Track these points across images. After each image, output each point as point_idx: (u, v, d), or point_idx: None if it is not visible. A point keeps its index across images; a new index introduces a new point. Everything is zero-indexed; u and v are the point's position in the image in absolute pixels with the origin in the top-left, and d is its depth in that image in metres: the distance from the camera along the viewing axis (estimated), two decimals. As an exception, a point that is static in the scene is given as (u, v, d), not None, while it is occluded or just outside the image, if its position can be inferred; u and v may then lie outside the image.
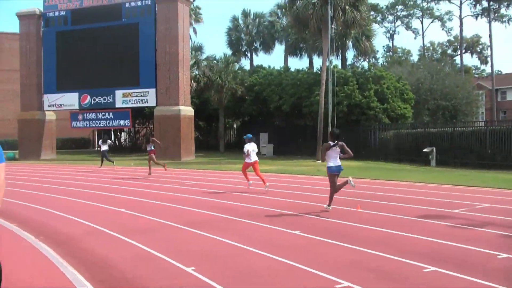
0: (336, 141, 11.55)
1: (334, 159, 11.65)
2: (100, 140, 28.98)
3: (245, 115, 48.13)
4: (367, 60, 62.10)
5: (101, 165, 28.02)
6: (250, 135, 16.58)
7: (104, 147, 27.63)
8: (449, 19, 76.97)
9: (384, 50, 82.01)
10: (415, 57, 78.55)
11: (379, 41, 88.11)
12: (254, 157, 16.09)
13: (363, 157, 33.04)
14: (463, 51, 72.31)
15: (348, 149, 11.59)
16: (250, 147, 16.10)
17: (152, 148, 22.94)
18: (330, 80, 26.65)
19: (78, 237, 9.46)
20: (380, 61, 76.63)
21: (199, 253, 8.07)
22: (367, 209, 12.15)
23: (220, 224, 10.61)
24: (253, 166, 16.19)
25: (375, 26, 65.47)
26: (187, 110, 37.46)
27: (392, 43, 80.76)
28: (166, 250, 8.15)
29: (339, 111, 33.12)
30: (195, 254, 8.00)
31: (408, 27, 78.38)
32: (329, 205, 11.95)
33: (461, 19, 66.18)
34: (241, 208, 12.76)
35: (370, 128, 34.71)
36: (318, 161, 31.53)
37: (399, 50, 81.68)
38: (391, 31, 78.71)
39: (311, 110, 36.59)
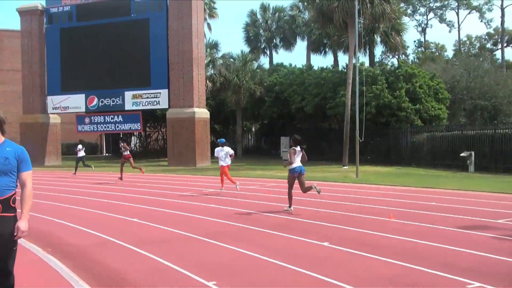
0: (299, 146, 13.74)
1: (297, 162, 13.68)
2: (79, 146, 30.14)
3: (265, 118, 48.09)
4: (397, 56, 61.80)
5: (75, 172, 29.36)
6: (223, 140, 19.86)
7: (81, 153, 28.87)
8: (489, 10, 75.57)
9: (416, 46, 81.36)
10: (449, 53, 77.86)
11: (410, 36, 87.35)
12: (228, 161, 18.81)
13: (393, 162, 32.85)
14: (505, 44, 70.99)
15: (304, 153, 13.86)
16: (223, 152, 18.82)
17: (128, 152, 24.46)
18: (357, 79, 26.46)
19: (88, 248, 9.52)
20: (411, 57, 75.94)
21: (220, 266, 8.07)
22: (401, 219, 12.05)
23: (241, 235, 10.62)
24: (223, 169, 18.78)
25: (405, 19, 64.97)
26: (202, 113, 37.57)
27: (424, 37, 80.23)
28: (184, 263, 8.16)
29: (367, 112, 32.91)
30: (216, 267, 8.00)
31: (442, 19, 77.76)
32: (289, 206, 13.78)
33: (502, 9, 65.01)
34: (262, 218, 12.75)
35: (401, 131, 34.48)
36: (345, 167, 31.41)
37: (432, 45, 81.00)
38: (423, 25, 78.18)
39: (336, 111, 36.47)
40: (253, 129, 54.96)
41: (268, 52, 63.77)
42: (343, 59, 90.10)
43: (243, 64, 45.67)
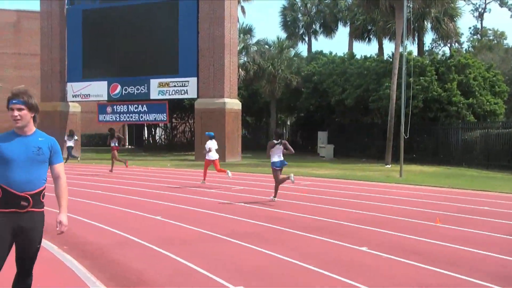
0: (279, 140, 15.28)
1: (278, 156, 15.31)
2: (66, 135, 30.61)
3: (301, 110, 48.07)
4: (450, 45, 61.01)
5: (65, 161, 29.71)
6: (212, 133, 21.40)
7: (70, 143, 29.43)
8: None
9: (471, 33, 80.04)
10: (510, 41, 76.60)
11: (465, 22, 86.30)
12: (215, 155, 20.35)
13: (442, 161, 32.52)
14: None
15: (290, 146, 15.54)
16: (212, 145, 20.34)
17: (116, 144, 25.55)
18: (403, 69, 26.23)
19: (107, 247, 9.65)
20: (466, 46, 74.91)
21: (248, 269, 8.12)
22: (448, 224, 11.95)
23: (271, 236, 10.66)
24: (214, 163, 20.40)
25: (460, 3, 64.01)
26: (234, 103, 37.68)
27: (481, 23, 78.86)
28: (209, 265, 8.23)
29: (414, 106, 32.63)
30: (243, 270, 8.05)
31: (502, 3, 76.27)
32: (274, 196, 15.61)
33: None
34: (295, 218, 12.78)
35: (451, 127, 34.08)
36: (388, 166, 31.21)
37: (489, 32, 79.56)
38: (480, 9, 76.88)
39: (379, 105, 36.23)
40: (288, 123, 54.99)
41: (306, 39, 63.52)
42: (388, 48, 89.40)
43: (279, 52, 45.68)
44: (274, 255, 8.91)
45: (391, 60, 37.01)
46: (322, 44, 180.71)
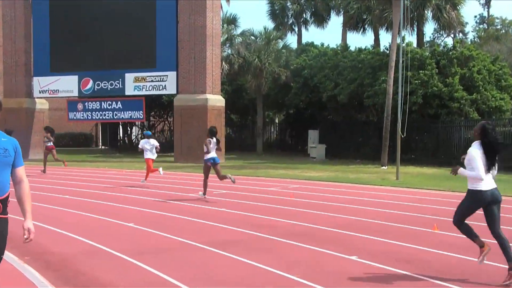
0: (214, 137, 17.38)
1: (212, 153, 17.32)
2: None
3: (290, 107, 48.10)
4: (452, 35, 61.21)
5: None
6: (149, 132, 23.43)
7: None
8: None
9: (476, 22, 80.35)
10: (519, 30, 76.82)
11: (470, 10, 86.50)
12: (153, 154, 21.80)
13: (442, 162, 32.59)
14: None
15: (219, 146, 17.73)
16: (148, 144, 21.75)
17: (52, 143, 26.73)
18: (400, 62, 26.32)
19: (73, 258, 9.61)
20: (470, 36, 75.22)
21: (228, 281, 8.12)
22: (447, 230, 11.96)
23: (254, 245, 10.68)
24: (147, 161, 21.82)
25: (464, -11, 64.34)
26: (217, 100, 37.66)
27: (488, 11, 79.26)
28: (186, 277, 8.24)
29: (412, 103, 32.72)
30: (223, 282, 8.06)
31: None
32: (204, 193, 17.46)
33: None
34: (280, 225, 12.81)
35: (453, 125, 34.22)
36: (384, 167, 31.30)
37: (497, 20, 79.90)
38: (487, -5, 77.31)
39: (375, 101, 36.30)
40: (277, 121, 54.97)
41: (296, 29, 63.50)
42: (385, 39, 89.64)
43: (266, 43, 45.63)
44: (256, 265, 8.92)
45: (387, 52, 37.11)
46: (313, 35, 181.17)
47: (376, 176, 26.25)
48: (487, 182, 8.20)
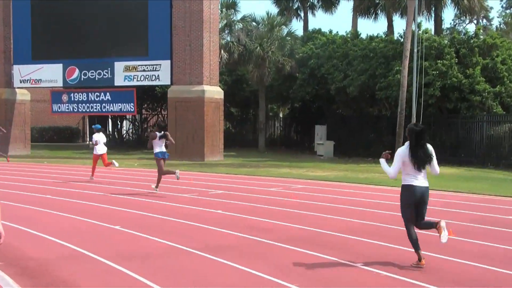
0: (162, 132, 18.62)
1: (160, 147, 18.59)
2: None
3: (296, 100, 48.09)
4: (474, 21, 61.09)
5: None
6: (99, 126, 24.18)
7: None
8: None
9: (502, 7, 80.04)
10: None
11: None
12: (103, 149, 23.19)
13: (462, 161, 32.57)
14: None
15: (171, 138, 18.85)
16: (100, 138, 23.23)
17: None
18: (416, 51, 26.26)
19: (52, 263, 9.59)
20: (496, 22, 75.04)
21: (219, 290, 8.11)
22: (464, 236, 11.96)
23: (249, 249, 10.69)
24: (102, 157, 23.13)
25: (488, -29, 64.20)
26: (214, 92, 37.63)
27: (515, -6, 79.06)
28: (176, 285, 8.24)
29: (429, 95, 32.72)
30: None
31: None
32: (156, 187, 18.98)
33: None
34: (279, 228, 12.82)
35: (474, 120, 34.16)
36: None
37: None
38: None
39: (388, 93, 36.25)
40: (281, 115, 55.00)
41: (302, 15, 63.42)
42: (399, 25, 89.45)
43: (269, 30, 45.56)
44: (252, 273, 8.91)
45: (402, 40, 37.01)
46: (320, 21, 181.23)
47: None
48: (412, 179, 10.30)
